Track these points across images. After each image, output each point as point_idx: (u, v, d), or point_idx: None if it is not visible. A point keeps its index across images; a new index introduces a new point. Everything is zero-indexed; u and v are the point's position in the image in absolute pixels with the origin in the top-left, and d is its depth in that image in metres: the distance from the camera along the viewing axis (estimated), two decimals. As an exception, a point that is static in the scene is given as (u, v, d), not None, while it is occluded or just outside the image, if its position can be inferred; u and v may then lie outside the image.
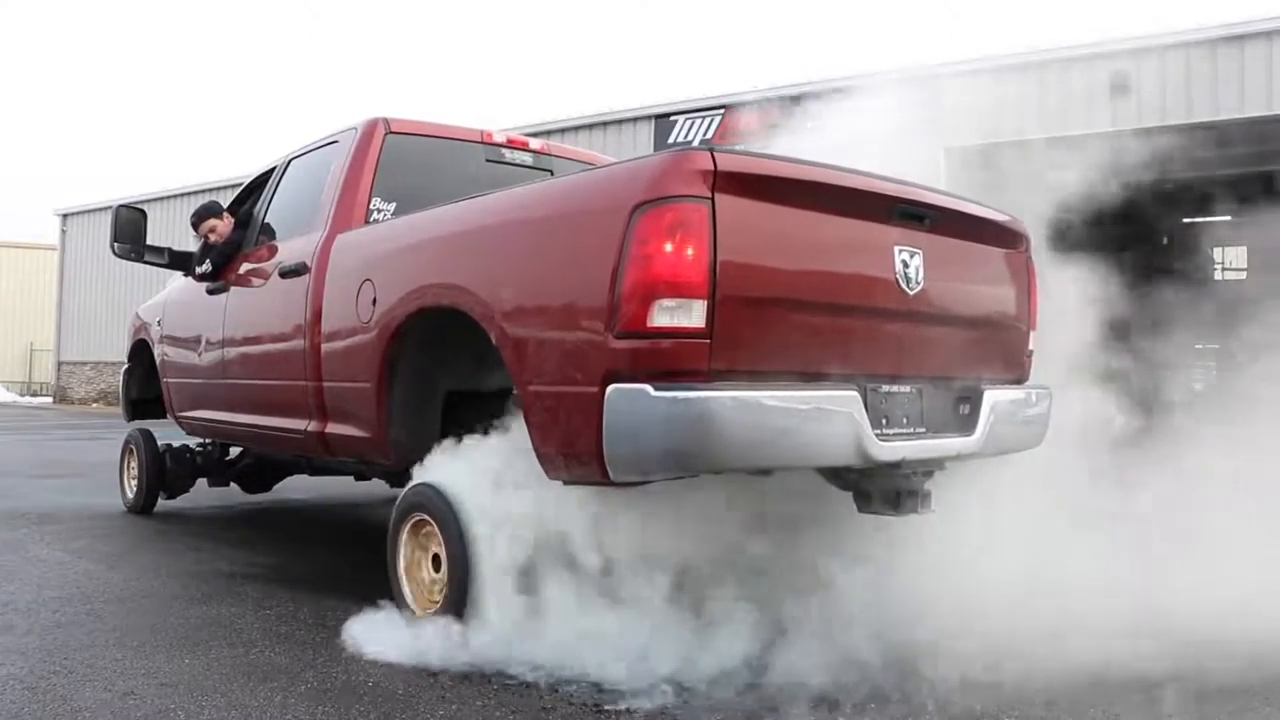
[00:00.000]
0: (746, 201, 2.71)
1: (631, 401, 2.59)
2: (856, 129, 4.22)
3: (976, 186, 3.90)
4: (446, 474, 3.27)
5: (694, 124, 14.81)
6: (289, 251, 4.39)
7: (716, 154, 2.66)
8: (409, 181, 4.18)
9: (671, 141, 14.93)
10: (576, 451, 2.75)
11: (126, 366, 6.65)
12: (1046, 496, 3.76)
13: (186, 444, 6.14)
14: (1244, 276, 15.71)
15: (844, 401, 2.80)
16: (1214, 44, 10.86)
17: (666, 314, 2.58)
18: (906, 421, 3.10)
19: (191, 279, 5.43)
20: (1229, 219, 13.07)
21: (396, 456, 3.69)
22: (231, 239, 5.14)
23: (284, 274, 4.30)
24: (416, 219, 3.72)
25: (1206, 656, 2.98)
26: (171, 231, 15.73)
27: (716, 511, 3.11)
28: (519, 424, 3.02)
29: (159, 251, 5.62)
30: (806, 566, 3.27)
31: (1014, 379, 3.71)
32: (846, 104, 4.62)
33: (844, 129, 4.30)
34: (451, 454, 3.35)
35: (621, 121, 15.87)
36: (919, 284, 3.12)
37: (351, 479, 5.63)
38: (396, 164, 4.18)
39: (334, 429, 3.96)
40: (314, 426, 4.07)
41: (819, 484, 3.17)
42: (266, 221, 4.94)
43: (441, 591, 3.20)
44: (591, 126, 16.19)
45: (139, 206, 5.78)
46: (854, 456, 2.84)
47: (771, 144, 4.75)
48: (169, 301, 5.93)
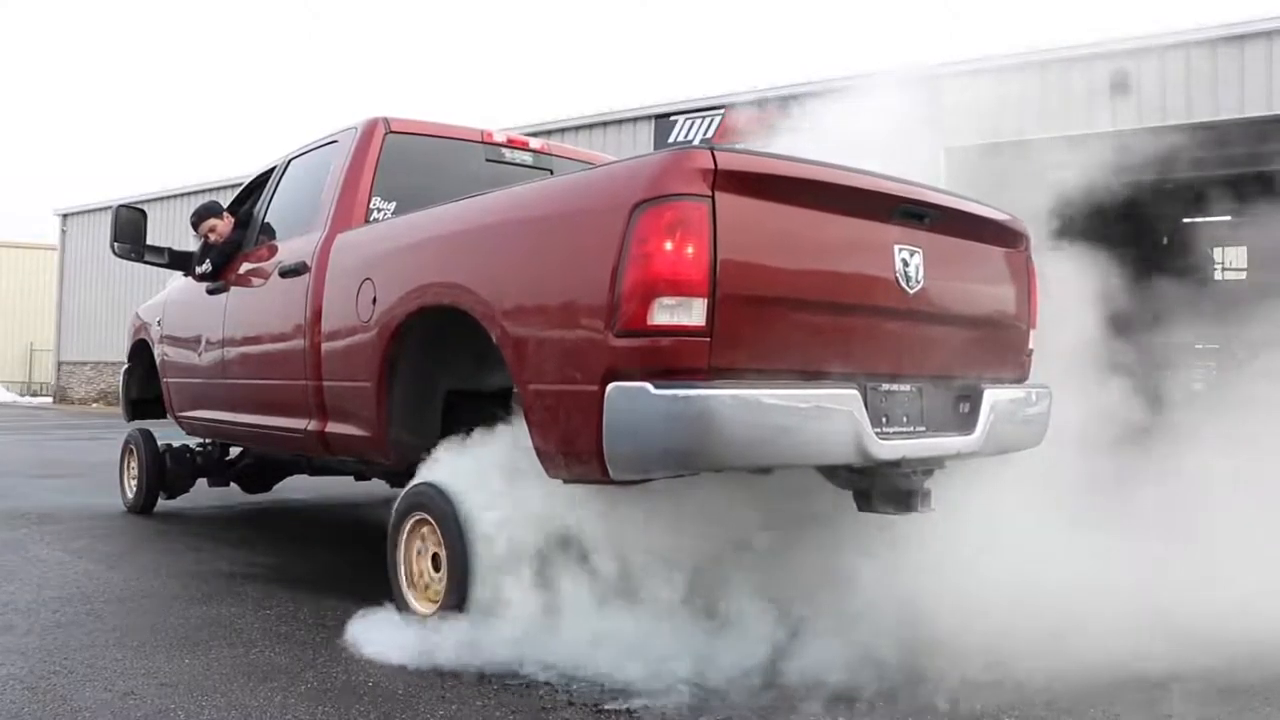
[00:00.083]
0: (747, 200, 2.71)
1: (632, 400, 2.59)
2: (856, 129, 4.21)
3: (976, 186, 3.89)
4: (447, 473, 3.27)
5: (694, 124, 14.81)
6: (289, 251, 4.39)
7: (716, 153, 2.67)
8: (409, 181, 4.19)
9: (671, 141, 14.92)
10: (577, 450, 2.75)
11: (126, 366, 6.65)
12: (1047, 496, 3.76)
13: (186, 444, 6.14)
14: (1244, 276, 15.73)
15: (844, 400, 2.80)
16: (1214, 44, 10.87)
17: (667, 312, 2.58)
18: (906, 420, 3.10)
19: (191, 279, 5.43)
20: (1229, 219, 13.08)
21: (396, 456, 3.69)
22: (231, 239, 5.14)
23: (284, 273, 4.30)
24: (416, 218, 3.72)
25: (1206, 656, 2.98)
26: (171, 231, 15.73)
27: (717, 511, 3.11)
28: (519, 423, 3.03)
29: (159, 251, 5.62)
30: (807, 566, 3.26)
31: (1014, 378, 3.71)
32: (846, 104, 4.62)
33: (844, 129, 4.30)
34: (452, 453, 3.35)
35: (621, 121, 15.87)
36: (919, 283, 3.12)
37: (351, 479, 5.62)
38: (396, 164, 4.18)
39: (334, 428, 3.96)
40: (314, 426, 4.07)
41: (819, 483, 3.17)
42: (266, 221, 4.94)
43: (441, 591, 3.20)
44: (591, 126, 16.20)
45: (139, 206, 5.78)
46: (854, 455, 2.84)
47: (771, 143, 4.74)
48: (169, 301, 5.93)
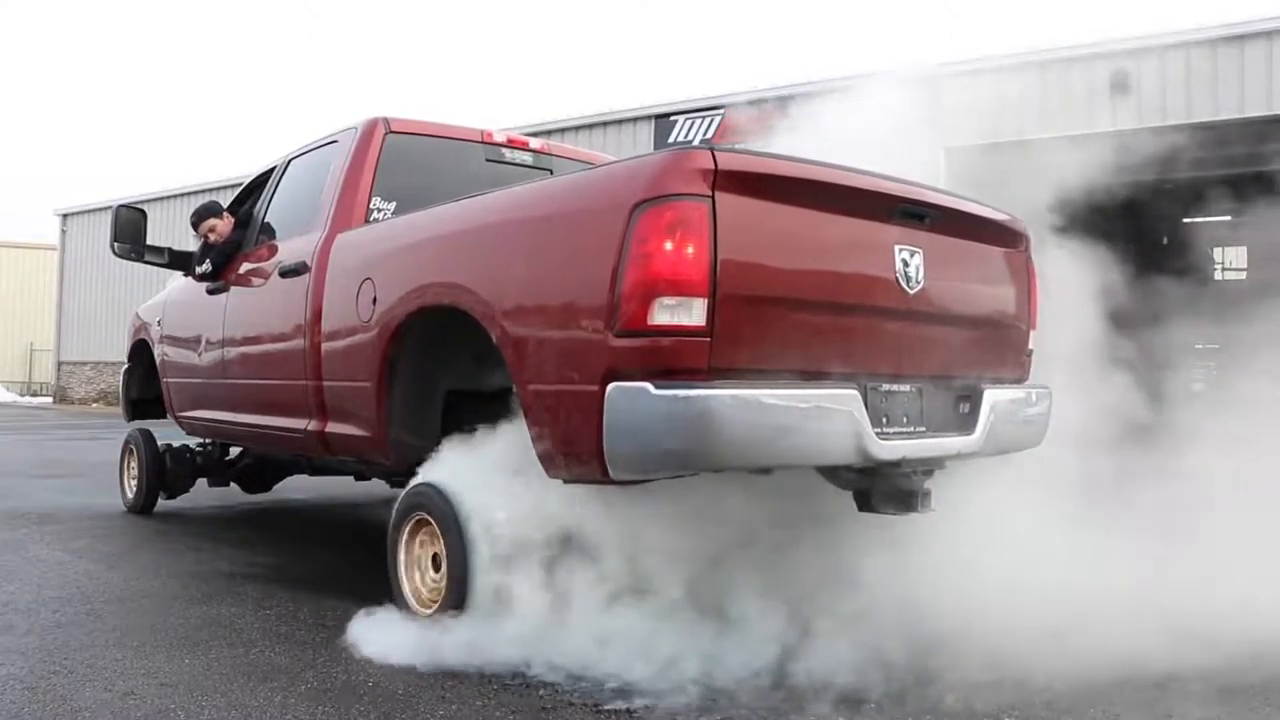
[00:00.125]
0: (747, 200, 2.71)
1: (632, 400, 2.59)
2: (856, 129, 4.21)
3: (976, 186, 3.89)
4: (447, 474, 3.27)
5: (694, 124, 14.81)
6: (289, 251, 4.39)
7: (716, 153, 2.67)
8: (409, 181, 4.18)
9: (671, 141, 14.93)
10: (577, 450, 2.75)
11: (126, 366, 6.65)
12: (1047, 495, 3.76)
13: (186, 444, 6.14)
14: (1244, 276, 15.73)
15: (844, 400, 2.80)
16: (1214, 44, 10.87)
17: (667, 312, 2.58)
18: (906, 420, 3.10)
19: (191, 279, 5.43)
20: (1229, 219, 13.08)
21: (396, 456, 3.69)
22: (231, 239, 5.14)
23: (284, 274, 4.30)
24: (417, 218, 3.72)
25: (1206, 656, 2.97)
26: (171, 231, 15.74)
27: (718, 511, 3.11)
28: (519, 423, 3.02)
29: (159, 251, 5.62)
30: (808, 566, 3.26)
31: (1014, 378, 3.71)
32: (846, 104, 4.62)
33: (844, 129, 4.30)
34: (452, 454, 3.35)
35: (621, 121, 15.88)
36: (919, 283, 3.12)
37: (351, 479, 5.62)
38: (396, 163, 4.18)
39: (334, 428, 3.96)
40: (314, 426, 4.07)
41: (820, 483, 3.17)
42: (266, 221, 4.94)
43: (441, 591, 3.20)
44: (591, 126, 16.20)
45: (139, 206, 5.78)
46: (854, 455, 2.84)
47: (771, 143, 4.73)
48: (169, 301, 5.93)
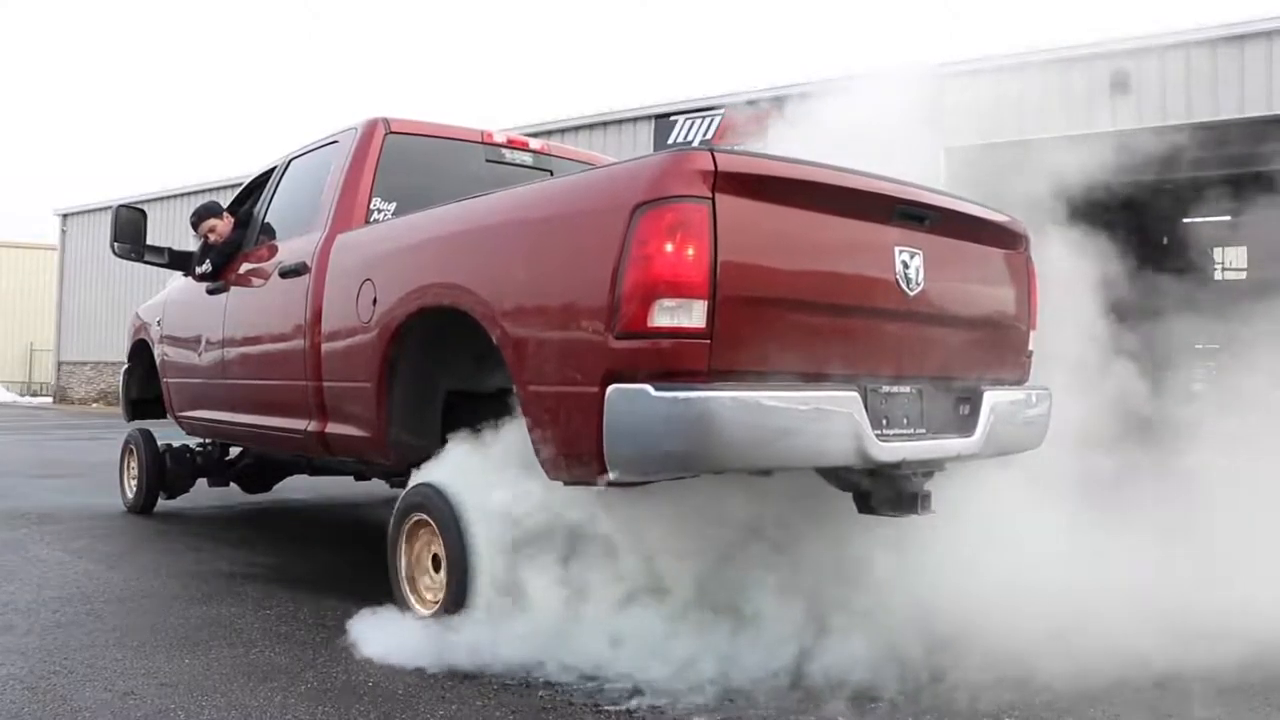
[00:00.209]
0: (747, 202, 2.71)
1: (632, 402, 2.59)
2: (856, 129, 4.21)
3: (977, 186, 3.89)
4: (446, 474, 3.27)
5: (694, 124, 14.81)
6: (289, 251, 4.39)
7: (717, 154, 2.67)
8: (409, 181, 4.18)
9: (671, 141, 14.92)
10: (577, 452, 2.76)
11: (126, 366, 6.65)
12: (1047, 495, 3.76)
13: (186, 444, 6.14)
14: (1244, 276, 15.73)
15: (844, 402, 2.80)
16: (1214, 44, 10.87)
17: (667, 314, 2.58)
18: (906, 422, 3.10)
19: (191, 279, 5.43)
20: (1229, 219, 13.08)
21: (396, 456, 3.69)
22: (231, 239, 5.14)
23: (284, 274, 4.30)
24: (417, 219, 3.72)
25: (1207, 656, 2.98)
26: (171, 231, 15.74)
27: (718, 511, 3.11)
28: (519, 424, 3.03)
29: (159, 251, 5.62)
30: (808, 566, 3.26)
31: (1014, 379, 3.71)
32: (846, 104, 4.62)
33: (844, 129, 4.30)
34: (451, 454, 3.35)
35: (621, 121, 15.87)
36: (919, 284, 3.12)
37: (351, 479, 5.62)
38: (396, 164, 4.18)
39: (334, 429, 3.96)
40: (314, 426, 4.07)
41: (819, 484, 3.17)
42: (266, 221, 4.94)
43: (442, 592, 3.20)
44: (591, 126, 16.19)
45: (139, 206, 5.78)
46: (854, 457, 2.84)
47: (771, 144, 4.74)
48: (169, 301, 5.93)
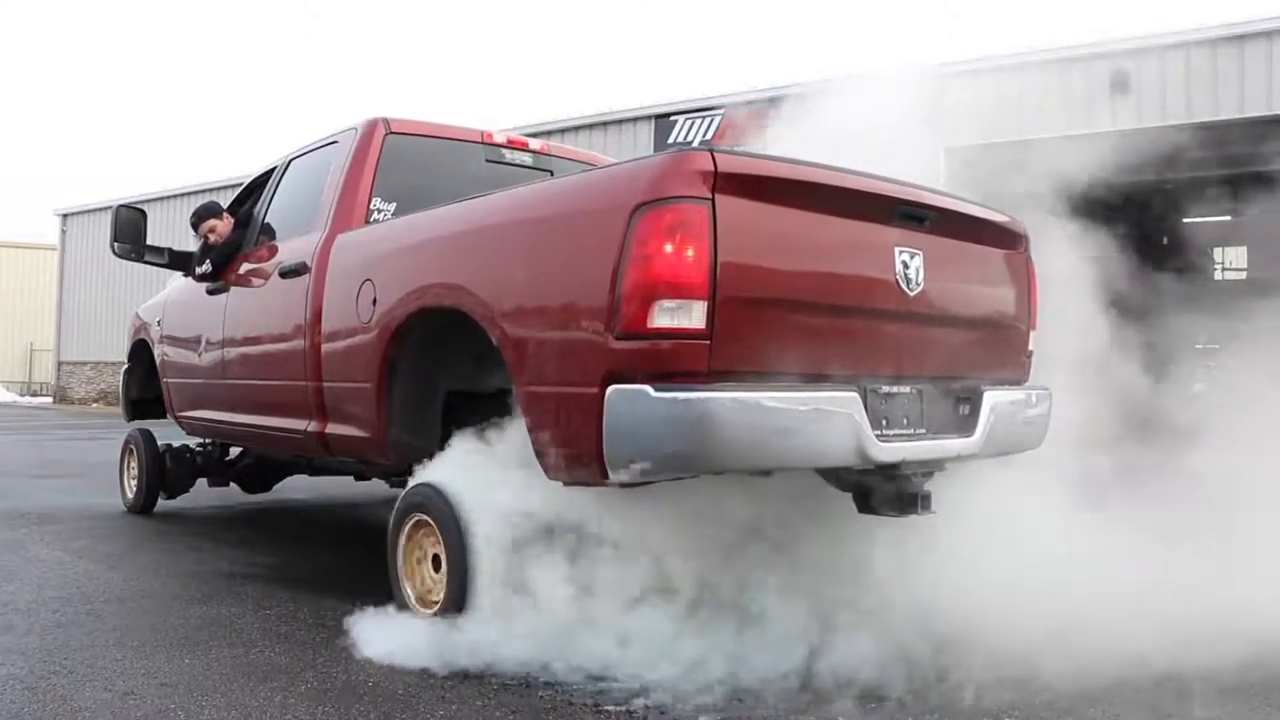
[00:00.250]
0: (747, 202, 2.71)
1: (631, 402, 2.59)
2: (856, 129, 4.21)
3: (977, 186, 3.90)
4: (446, 474, 3.27)
5: (694, 124, 14.80)
6: (289, 251, 4.39)
7: (717, 155, 2.67)
8: (409, 181, 4.18)
9: (671, 142, 14.93)
10: (577, 452, 2.76)
11: (126, 366, 6.65)
12: (1047, 496, 3.76)
13: (186, 444, 6.14)
14: (1244, 276, 15.74)
15: (844, 402, 2.80)
16: (1214, 44, 10.87)
17: (667, 315, 2.58)
18: (906, 422, 3.10)
19: (191, 279, 5.43)
20: (1229, 219, 13.09)
21: (396, 457, 3.69)
22: (231, 239, 5.14)
23: (284, 274, 4.30)
24: (417, 219, 3.72)
25: (1207, 656, 2.98)
26: (171, 231, 15.74)
27: (718, 512, 3.11)
28: (519, 424, 3.03)
29: (159, 251, 5.62)
30: (809, 566, 3.26)
31: (1014, 379, 3.71)
32: (846, 104, 4.62)
33: (844, 129, 4.30)
34: (451, 454, 3.35)
35: (621, 121, 15.87)
36: (919, 285, 3.12)
37: (351, 479, 5.63)
38: (396, 164, 4.18)
39: (334, 429, 3.96)
40: (314, 426, 4.07)
41: (819, 484, 3.17)
42: (266, 221, 4.94)
43: (442, 592, 3.20)
44: (591, 126, 16.19)
45: (139, 206, 5.78)
46: (854, 457, 2.84)
47: (771, 144, 4.74)
48: (169, 301, 5.93)
